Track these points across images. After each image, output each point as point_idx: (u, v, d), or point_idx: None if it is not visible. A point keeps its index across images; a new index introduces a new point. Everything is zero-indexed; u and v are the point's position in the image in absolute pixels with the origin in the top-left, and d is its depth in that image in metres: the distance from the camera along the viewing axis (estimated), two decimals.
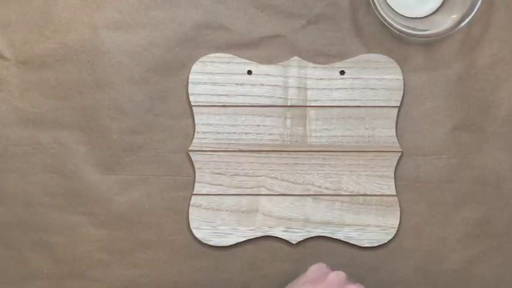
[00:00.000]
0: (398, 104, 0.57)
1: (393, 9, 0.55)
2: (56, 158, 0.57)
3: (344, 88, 0.56)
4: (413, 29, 0.53)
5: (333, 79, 0.56)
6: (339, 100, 0.56)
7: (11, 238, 0.58)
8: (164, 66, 0.56)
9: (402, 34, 0.53)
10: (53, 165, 0.57)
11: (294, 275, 0.58)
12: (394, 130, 0.57)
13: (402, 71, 0.57)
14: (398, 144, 0.57)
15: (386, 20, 0.53)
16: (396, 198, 0.57)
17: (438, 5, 0.56)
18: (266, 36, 0.56)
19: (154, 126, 0.57)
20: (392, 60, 0.56)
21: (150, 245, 0.58)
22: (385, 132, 0.57)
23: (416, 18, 0.56)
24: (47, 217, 0.57)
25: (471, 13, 0.52)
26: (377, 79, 0.56)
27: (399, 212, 0.57)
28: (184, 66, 0.56)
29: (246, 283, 0.59)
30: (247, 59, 0.56)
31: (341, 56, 0.56)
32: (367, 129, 0.57)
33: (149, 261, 0.58)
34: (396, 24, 0.53)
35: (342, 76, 0.56)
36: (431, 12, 0.56)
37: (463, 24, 0.52)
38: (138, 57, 0.56)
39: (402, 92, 0.56)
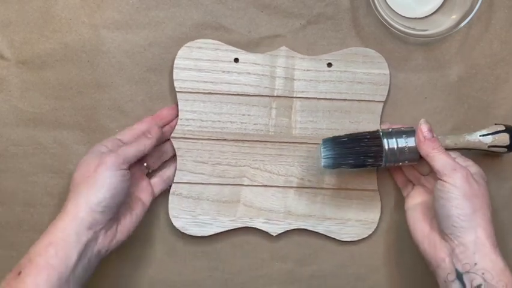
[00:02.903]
0: (384, 99, 0.56)
1: (393, 10, 0.55)
2: (56, 158, 0.57)
3: (331, 81, 0.56)
4: (413, 29, 0.53)
5: (320, 71, 0.56)
6: (326, 92, 0.56)
7: (11, 238, 0.58)
8: (164, 66, 0.56)
9: (402, 34, 0.53)
10: (53, 165, 0.57)
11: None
12: (378, 125, 0.56)
13: (402, 71, 0.57)
14: None
15: (386, 20, 0.53)
16: (377, 193, 0.57)
17: (438, 5, 0.56)
18: (266, 36, 0.56)
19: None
20: (379, 54, 0.56)
21: (150, 244, 0.58)
22: (370, 126, 0.56)
23: (416, 18, 0.56)
24: (47, 217, 0.57)
25: (471, 13, 0.52)
26: (364, 73, 0.56)
27: (380, 206, 0.57)
28: None
29: (246, 283, 0.59)
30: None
31: None
32: (352, 123, 0.56)
33: (149, 260, 0.58)
34: (396, 24, 0.53)
35: (329, 68, 0.56)
36: (431, 12, 0.56)
37: (463, 24, 0.52)
38: (138, 57, 0.56)
39: (388, 87, 0.56)
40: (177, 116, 0.56)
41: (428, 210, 0.52)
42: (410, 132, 0.52)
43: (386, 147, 0.51)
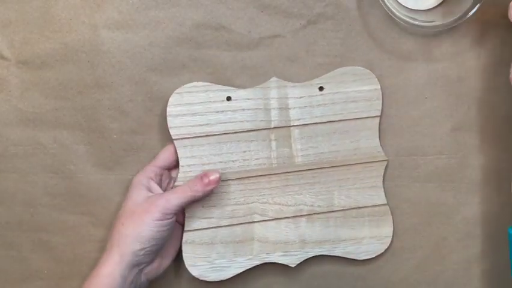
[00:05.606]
0: (379, 114, 0.56)
1: (399, 2, 0.55)
2: (56, 158, 0.57)
3: (325, 104, 0.56)
4: (420, 20, 0.53)
5: (313, 96, 0.56)
6: (322, 116, 0.56)
7: (11, 238, 0.58)
8: (164, 66, 0.56)
9: (408, 25, 0.53)
10: (53, 165, 0.57)
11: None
12: (378, 140, 0.57)
13: (403, 71, 0.57)
14: (383, 153, 0.57)
15: (392, 12, 0.53)
16: (387, 207, 0.57)
17: None
18: (266, 36, 0.56)
19: (154, 126, 0.57)
20: (368, 71, 0.56)
21: None
22: (369, 143, 0.56)
23: (422, 10, 0.56)
24: (47, 217, 0.57)
25: (477, 4, 0.51)
26: (356, 91, 0.56)
27: (391, 220, 0.57)
28: (184, 66, 0.56)
29: (245, 283, 0.59)
30: (242, 61, 0.56)
31: (341, 57, 0.56)
32: (352, 142, 0.56)
33: None
34: (403, 15, 0.53)
35: (321, 92, 0.56)
36: (437, 3, 0.56)
37: (468, 15, 0.52)
38: (138, 57, 0.56)
39: (381, 101, 0.56)
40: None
41: None
42: None
43: None
